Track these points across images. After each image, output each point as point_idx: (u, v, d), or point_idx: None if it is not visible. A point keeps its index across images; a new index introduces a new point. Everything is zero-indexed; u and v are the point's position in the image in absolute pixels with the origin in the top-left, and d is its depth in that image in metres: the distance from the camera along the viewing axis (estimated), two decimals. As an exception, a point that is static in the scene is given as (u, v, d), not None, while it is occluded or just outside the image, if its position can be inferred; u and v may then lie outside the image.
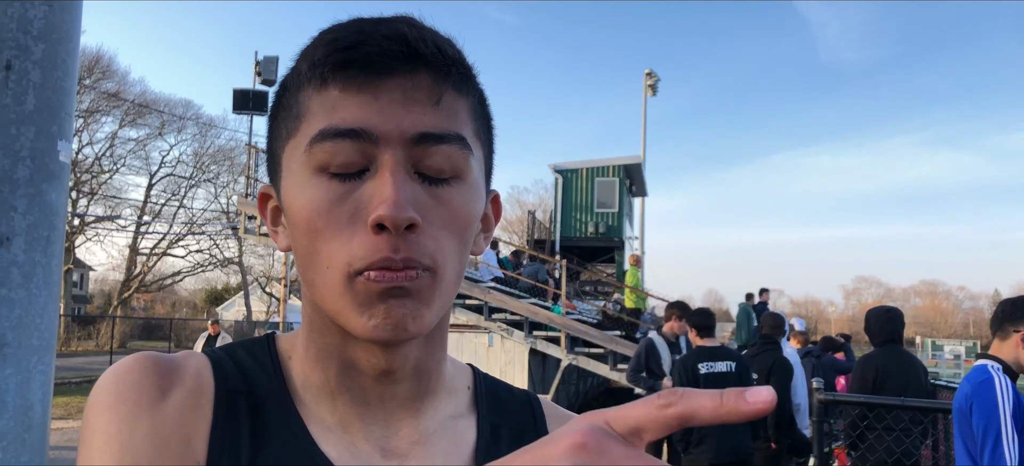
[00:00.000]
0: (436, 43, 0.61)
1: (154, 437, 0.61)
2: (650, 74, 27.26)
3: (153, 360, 0.65)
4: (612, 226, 21.97)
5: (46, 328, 1.99)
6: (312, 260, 0.62)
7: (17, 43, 1.86)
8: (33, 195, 1.89)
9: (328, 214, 0.60)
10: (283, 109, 0.65)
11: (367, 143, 0.59)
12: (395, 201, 0.57)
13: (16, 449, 1.92)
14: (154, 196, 44.06)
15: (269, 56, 24.01)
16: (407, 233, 0.59)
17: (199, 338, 11.93)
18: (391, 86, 0.60)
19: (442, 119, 0.61)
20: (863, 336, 19.86)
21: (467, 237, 0.64)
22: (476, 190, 0.65)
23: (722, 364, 5.10)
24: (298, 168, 0.62)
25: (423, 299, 0.61)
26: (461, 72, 0.63)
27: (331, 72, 0.60)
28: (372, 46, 0.59)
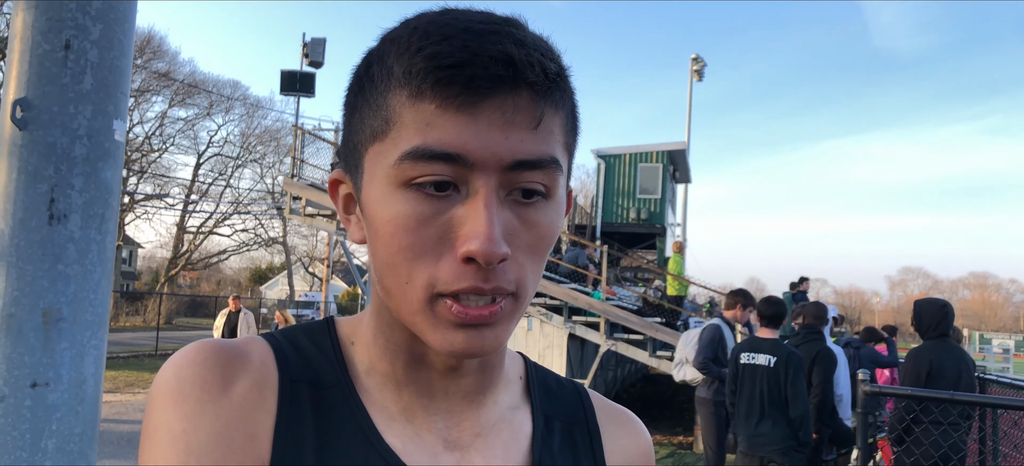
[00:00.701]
0: (541, 63, 0.58)
1: (218, 435, 0.60)
2: (696, 59, 26.89)
3: (215, 350, 0.64)
4: (654, 212, 21.79)
5: (100, 304, 2.03)
6: (391, 271, 0.61)
7: (76, 23, 1.90)
8: (89, 173, 1.93)
9: (415, 232, 0.59)
10: (367, 103, 0.62)
11: (462, 167, 0.57)
12: (489, 237, 0.56)
13: (70, 421, 1.96)
14: (202, 175, 44.88)
15: (317, 38, 24.20)
16: (498, 264, 0.58)
17: (220, 314, 11.99)
18: (491, 108, 0.57)
19: (539, 143, 0.59)
20: (908, 328, 19.47)
21: (547, 253, 0.64)
22: (560, 205, 0.64)
23: (763, 357, 5.00)
24: (383, 177, 0.60)
25: (504, 325, 0.61)
26: (560, 87, 0.61)
27: (431, 87, 0.57)
28: (478, 67, 0.56)
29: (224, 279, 62.01)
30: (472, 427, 0.70)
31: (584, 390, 0.81)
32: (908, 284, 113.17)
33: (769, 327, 5.19)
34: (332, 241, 33.58)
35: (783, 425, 4.94)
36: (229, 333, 11.59)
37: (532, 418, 0.75)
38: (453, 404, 0.70)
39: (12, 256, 1.87)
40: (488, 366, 0.71)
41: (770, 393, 4.92)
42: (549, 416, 0.76)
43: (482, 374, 0.71)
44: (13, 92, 1.88)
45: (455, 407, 0.70)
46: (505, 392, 0.74)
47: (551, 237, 0.63)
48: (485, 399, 0.72)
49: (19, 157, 1.87)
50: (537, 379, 0.79)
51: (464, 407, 0.70)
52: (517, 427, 0.73)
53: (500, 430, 0.72)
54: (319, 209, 14.56)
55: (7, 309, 1.87)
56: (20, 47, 1.89)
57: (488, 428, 0.71)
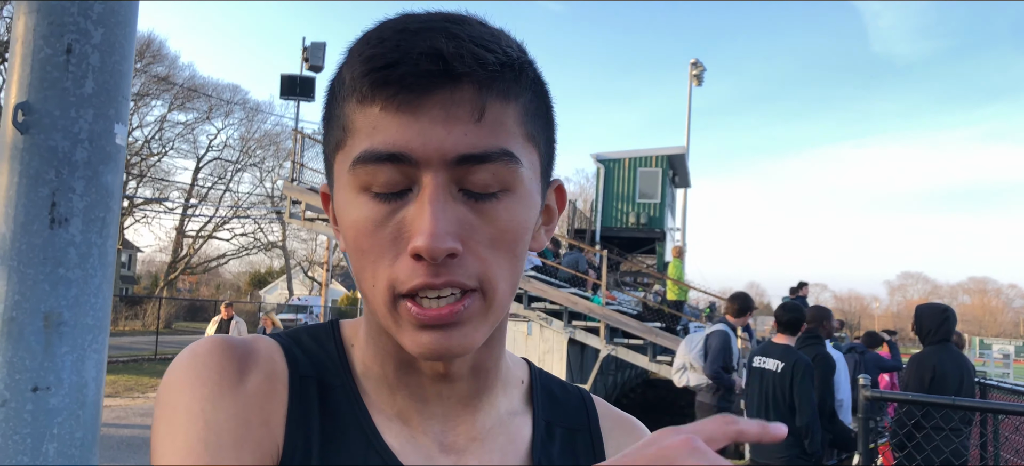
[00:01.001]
0: (475, 55, 0.57)
1: (236, 417, 0.62)
2: (695, 64, 26.92)
3: (230, 343, 0.67)
4: (654, 217, 21.80)
5: (101, 307, 2.03)
6: (361, 275, 0.62)
7: (78, 27, 1.89)
8: (90, 177, 1.93)
9: (372, 235, 0.60)
10: (332, 117, 0.64)
11: (408, 165, 0.58)
12: (432, 232, 0.56)
13: (71, 425, 1.96)
14: (201, 179, 44.89)
15: (317, 42, 24.24)
16: (448, 260, 0.58)
17: (211, 322, 11.88)
18: (431, 104, 0.57)
19: (485, 135, 0.58)
20: (908, 333, 19.39)
21: (518, 248, 0.62)
22: (526, 199, 0.62)
23: (772, 362, 4.96)
24: (345, 185, 0.62)
25: (472, 323, 0.60)
26: (509, 77, 0.60)
27: (371, 90, 0.58)
28: (408, 66, 0.57)
29: (223, 283, 61.99)
30: (468, 431, 0.70)
31: (589, 397, 0.81)
32: (908, 289, 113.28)
33: (785, 333, 5.12)
34: (331, 245, 33.59)
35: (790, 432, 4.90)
36: None
37: (532, 423, 0.74)
38: (448, 408, 0.70)
39: (13, 260, 1.86)
40: (482, 371, 0.70)
41: (775, 399, 4.88)
42: (550, 422, 0.76)
43: (475, 379, 0.70)
44: (15, 96, 1.88)
45: (450, 411, 0.70)
46: (504, 397, 0.74)
47: (516, 231, 0.61)
48: (481, 404, 0.71)
49: (21, 161, 1.86)
50: (541, 385, 0.78)
51: (459, 411, 0.70)
52: (515, 432, 0.73)
53: (497, 435, 0.71)
54: (318, 213, 14.55)
55: (8, 313, 1.87)
56: (22, 51, 1.88)
57: (485, 433, 0.71)
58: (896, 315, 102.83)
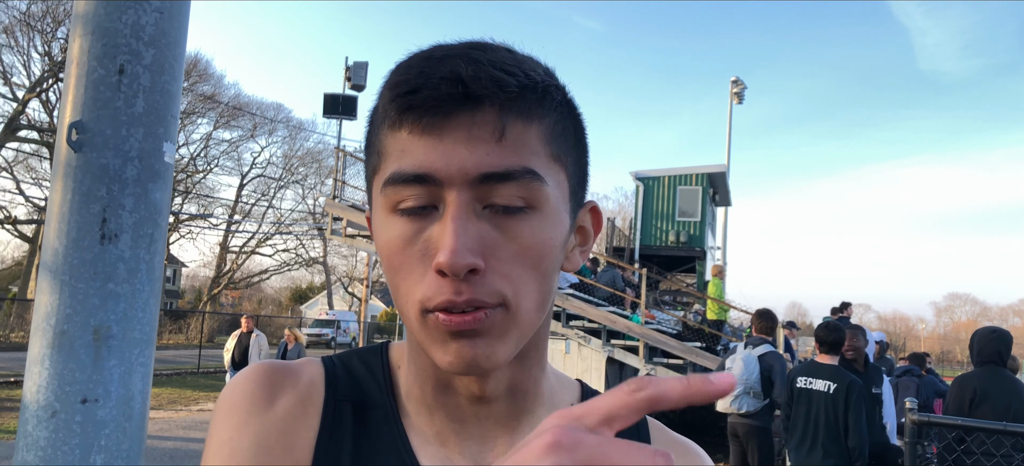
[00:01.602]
0: (494, 78, 0.60)
1: (257, 444, 0.67)
2: (736, 81, 26.70)
3: (266, 369, 0.71)
4: (694, 235, 21.61)
5: (148, 322, 2.07)
6: (395, 293, 0.64)
7: (130, 48, 1.95)
8: (140, 194, 1.97)
9: (402, 253, 0.62)
10: (369, 144, 0.67)
11: (434, 186, 0.60)
12: (453, 249, 0.57)
13: (118, 437, 2.00)
14: (245, 196, 45.65)
15: (359, 61, 24.55)
16: (470, 276, 0.59)
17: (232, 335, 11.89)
18: (454, 126, 0.60)
19: (507, 155, 0.60)
20: (955, 355, 18.90)
21: (546, 265, 0.63)
22: (552, 218, 0.63)
23: (821, 383, 4.90)
24: (379, 207, 0.65)
25: (496, 336, 0.61)
26: (531, 98, 0.62)
27: (398, 115, 0.61)
28: (430, 90, 0.59)
29: (265, 298, 62.74)
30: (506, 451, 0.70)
31: (643, 419, 0.78)
32: (955, 310, 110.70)
33: (828, 353, 5.05)
34: (371, 261, 33.85)
35: (836, 454, 4.79)
36: (240, 355, 11.45)
37: None
38: (486, 430, 0.70)
39: (65, 274, 1.91)
40: (519, 392, 0.71)
41: (827, 419, 4.81)
42: None
43: (513, 400, 0.70)
44: (70, 115, 1.93)
45: (489, 433, 0.70)
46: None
47: (540, 248, 0.62)
48: (521, 425, 0.71)
49: (74, 178, 1.92)
50: None
51: (498, 433, 0.71)
52: None
53: None
54: (360, 230, 14.68)
55: (60, 326, 1.92)
56: (76, 72, 1.94)
57: None
58: (943, 337, 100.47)
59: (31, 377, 1.95)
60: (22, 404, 1.99)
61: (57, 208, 1.93)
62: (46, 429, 1.92)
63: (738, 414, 6.75)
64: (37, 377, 1.94)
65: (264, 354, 11.46)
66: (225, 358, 11.85)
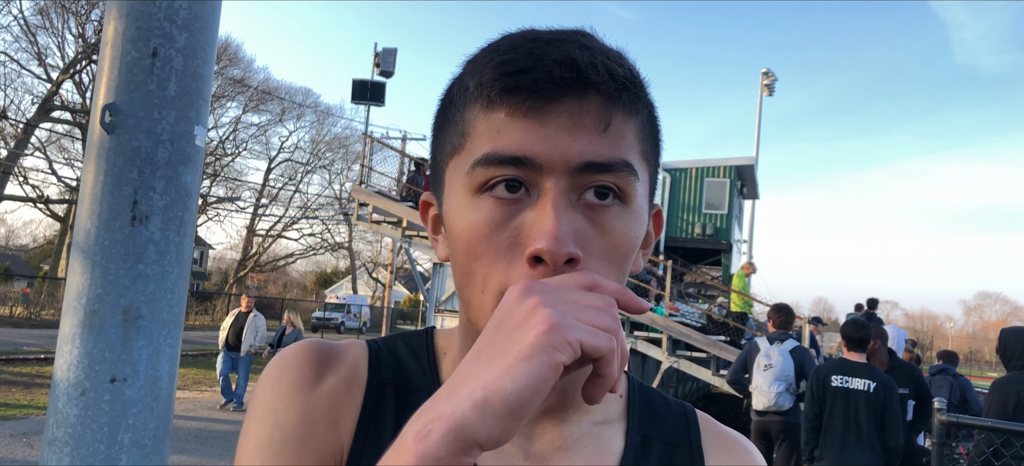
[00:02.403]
0: (607, 67, 0.59)
1: (303, 416, 0.66)
2: (767, 73, 26.44)
3: (315, 347, 0.71)
4: (720, 228, 21.46)
5: (176, 303, 2.09)
6: (469, 280, 0.62)
7: (163, 31, 1.96)
8: (170, 177, 1.99)
9: (487, 238, 0.60)
10: (448, 122, 0.65)
11: (531, 170, 0.58)
12: (555, 235, 0.56)
13: (145, 416, 2.02)
14: (272, 180, 46.06)
15: (388, 48, 24.61)
16: (565, 266, 0.57)
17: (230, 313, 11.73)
18: (558, 112, 0.58)
19: (609, 146, 0.59)
20: (984, 356, 18.57)
21: (627, 264, 0.63)
22: (639, 215, 0.63)
23: (858, 381, 4.90)
24: (460, 188, 0.62)
25: None
26: (632, 93, 0.61)
27: (499, 95, 0.59)
28: (541, 72, 0.57)
29: (290, 282, 63.31)
30: (553, 440, 0.69)
31: (692, 412, 0.78)
32: (985, 309, 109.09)
33: (856, 350, 5.06)
34: (396, 247, 33.99)
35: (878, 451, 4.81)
36: (235, 336, 11.25)
37: (626, 436, 0.73)
38: (535, 420, 0.69)
39: (97, 255, 1.93)
40: (572, 383, 0.69)
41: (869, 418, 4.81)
42: (647, 436, 0.74)
43: (565, 391, 0.69)
44: (103, 97, 1.95)
45: (537, 421, 0.69)
46: (597, 408, 0.72)
47: (628, 245, 0.61)
48: (569, 414, 0.70)
49: (106, 160, 1.93)
50: (640, 398, 0.77)
51: (546, 421, 0.69)
52: (605, 444, 0.71)
53: (584, 445, 0.70)
54: (385, 216, 14.75)
55: (91, 305, 1.94)
56: (111, 54, 1.96)
57: (571, 442, 0.69)
58: (971, 336, 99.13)
59: (62, 355, 1.98)
60: (53, 381, 2.02)
61: (89, 189, 1.95)
62: (76, 407, 1.94)
63: (774, 412, 6.65)
64: (68, 355, 1.96)
65: (260, 336, 11.36)
66: (220, 337, 11.59)
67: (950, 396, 7.14)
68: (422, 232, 14.36)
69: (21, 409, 10.12)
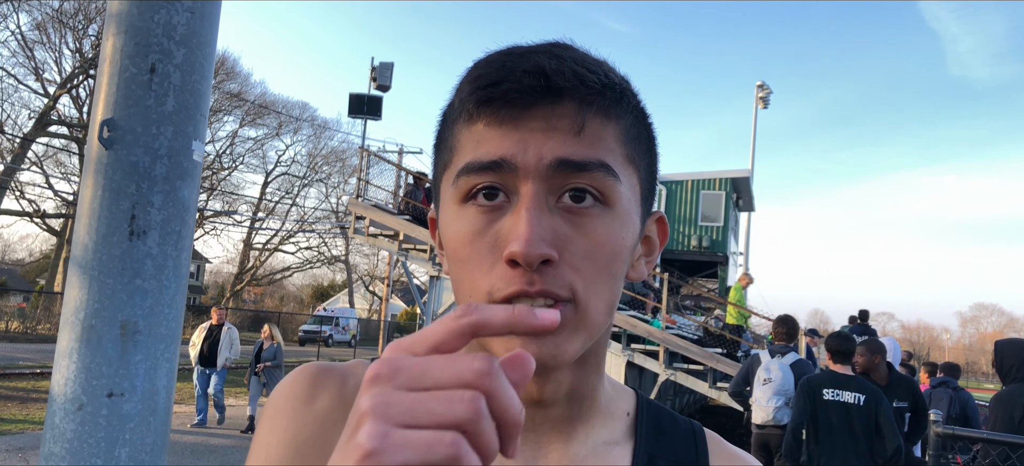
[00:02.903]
0: (577, 73, 0.60)
1: (291, 444, 0.67)
2: (762, 86, 26.55)
3: (309, 371, 0.71)
4: (716, 240, 21.49)
5: (174, 318, 2.09)
6: (459, 287, 0.64)
7: (161, 47, 1.97)
8: (168, 191, 2.00)
9: (471, 244, 0.61)
10: (441, 141, 0.67)
11: (508, 173, 0.60)
12: (527, 238, 0.57)
13: (142, 431, 2.02)
14: (269, 193, 46.08)
15: (385, 62, 24.66)
16: (543, 267, 0.58)
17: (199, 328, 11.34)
18: (533, 117, 0.60)
19: (584, 147, 0.60)
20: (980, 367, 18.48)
21: (615, 266, 0.63)
22: (624, 218, 0.63)
23: (850, 395, 4.97)
24: (449, 199, 0.64)
25: (565, 334, 0.60)
26: (610, 96, 0.62)
27: (476, 108, 0.61)
28: (512, 82, 0.59)
29: (287, 295, 63.16)
30: (559, 459, 0.69)
31: (701, 430, 0.78)
32: (981, 321, 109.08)
33: (842, 363, 5.16)
34: (393, 261, 33.94)
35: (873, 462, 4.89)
36: (209, 349, 10.88)
37: (633, 456, 0.72)
38: (541, 435, 0.69)
39: (94, 269, 1.94)
40: (577, 398, 0.69)
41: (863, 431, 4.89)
42: (654, 456, 0.73)
43: (570, 406, 0.69)
44: (101, 113, 1.96)
45: (543, 438, 0.69)
46: (603, 428, 0.72)
47: (612, 247, 0.61)
48: (576, 432, 0.70)
49: (104, 175, 1.94)
50: (648, 417, 0.76)
51: (553, 438, 0.69)
52: (611, 464, 0.71)
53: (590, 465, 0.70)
54: (382, 229, 14.75)
55: (88, 320, 1.94)
56: (109, 70, 1.97)
57: (577, 462, 0.69)
58: (967, 348, 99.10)
59: (59, 370, 1.98)
60: (50, 396, 2.02)
61: (87, 204, 1.96)
62: (73, 422, 1.94)
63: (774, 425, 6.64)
64: (65, 370, 1.96)
65: (235, 349, 11.10)
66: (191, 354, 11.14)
67: (950, 409, 7.14)
68: (420, 245, 14.35)
69: (17, 424, 10.08)
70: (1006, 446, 3.99)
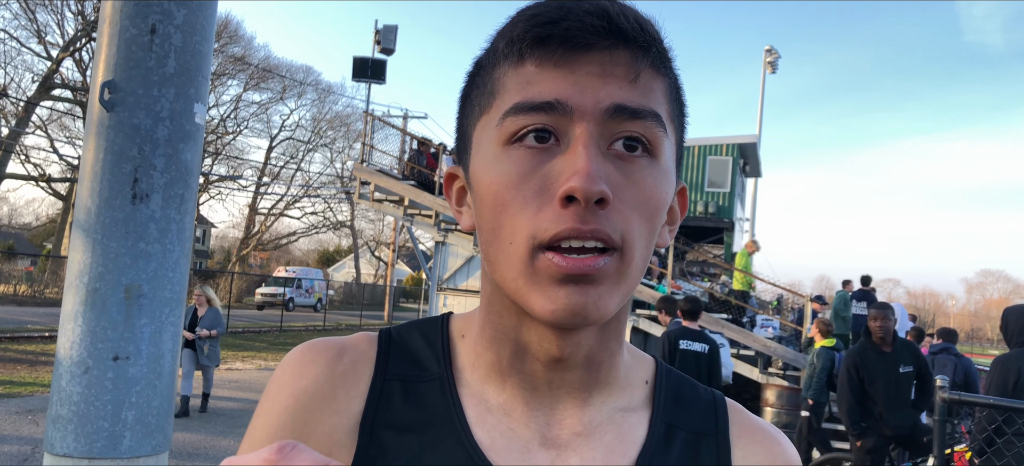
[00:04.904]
0: (637, 20, 0.60)
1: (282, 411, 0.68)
2: (770, 51, 26.32)
3: (309, 345, 0.71)
4: (723, 206, 21.44)
5: (178, 281, 2.09)
6: (495, 236, 0.61)
7: (161, 8, 1.94)
8: (171, 154, 1.98)
9: (516, 187, 0.59)
10: (476, 88, 0.65)
11: (561, 116, 0.58)
12: (587, 173, 0.55)
13: (148, 394, 2.02)
14: (273, 158, 46.00)
15: (389, 25, 24.54)
16: (596, 207, 0.57)
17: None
18: (588, 60, 0.58)
19: (638, 95, 0.59)
20: (986, 333, 18.57)
21: (656, 221, 0.62)
22: (667, 173, 0.62)
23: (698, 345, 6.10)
24: (488, 143, 0.62)
25: (607, 285, 0.59)
26: (660, 52, 0.61)
27: (529, 48, 0.59)
28: (573, 21, 0.58)
29: (293, 260, 63.41)
30: (573, 426, 0.68)
31: (722, 400, 0.76)
32: (987, 287, 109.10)
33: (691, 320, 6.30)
34: (398, 226, 34.00)
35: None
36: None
37: (650, 424, 0.71)
38: (557, 399, 0.68)
39: (98, 233, 1.93)
40: (595, 363, 0.68)
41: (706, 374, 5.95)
42: (672, 424, 0.71)
43: (589, 370, 0.68)
44: (102, 75, 1.94)
45: (559, 403, 0.68)
46: (620, 394, 0.71)
47: (658, 199, 0.61)
48: (592, 398, 0.69)
49: (106, 138, 1.93)
50: (668, 385, 0.75)
51: (568, 403, 0.68)
52: (627, 431, 0.69)
53: (605, 432, 0.68)
54: (387, 194, 14.73)
55: (92, 284, 1.94)
56: (109, 31, 1.94)
57: (592, 428, 0.68)
58: (973, 314, 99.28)
59: (65, 333, 1.98)
60: (56, 359, 2.02)
61: (90, 167, 1.94)
62: (79, 384, 1.95)
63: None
64: (70, 334, 1.96)
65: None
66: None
67: (954, 376, 7.16)
68: (424, 210, 14.35)
69: (26, 387, 10.17)
70: (1012, 411, 4.00)
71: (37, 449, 7.02)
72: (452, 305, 14.82)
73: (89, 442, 1.95)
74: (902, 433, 5.86)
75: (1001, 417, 4.24)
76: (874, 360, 5.83)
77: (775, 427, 0.76)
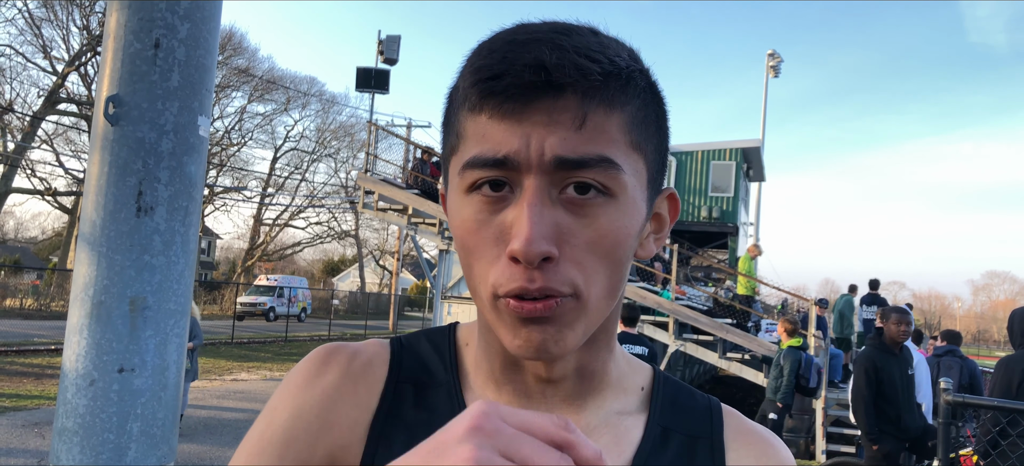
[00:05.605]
0: (578, 66, 0.59)
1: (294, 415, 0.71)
2: (773, 54, 26.33)
3: (325, 348, 0.75)
4: (726, 211, 21.41)
5: (182, 293, 2.10)
6: (469, 273, 0.65)
7: (165, 22, 1.96)
8: (175, 167, 2.00)
9: (476, 234, 0.62)
10: (448, 123, 0.68)
11: (511, 170, 0.60)
12: (528, 237, 0.58)
13: (153, 406, 2.03)
14: (278, 169, 46.15)
15: (392, 35, 24.63)
16: (544, 264, 0.59)
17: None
18: (535, 111, 0.60)
19: (584, 142, 0.60)
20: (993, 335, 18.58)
21: (619, 254, 0.63)
22: (627, 206, 0.63)
23: (639, 348, 6.38)
24: (455, 187, 0.65)
25: (565, 323, 0.61)
26: (614, 85, 0.61)
27: (479, 100, 0.61)
28: (512, 77, 0.59)
29: (298, 270, 63.45)
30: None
31: (718, 406, 0.78)
32: (993, 289, 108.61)
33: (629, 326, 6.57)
34: (402, 235, 34.03)
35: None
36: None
37: (646, 426, 0.73)
38: (552, 406, 0.71)
39: (103, 246, 1.94)
40: (586, 373, 0.71)
41: None
42: (668, 428, 0.74)
43: (580, 381, 0.71)
44: (107, 89, 1.96)
45: (554, 409, 0.71)
46: (616, 399, 0.73)
47: (615, 237, 0.62)
48: (587, 405, 0.72)
49: (111, 151, 1.94)
50: (664, 391, 0.77)
51: (564, 409, 0.71)
52: (623, 433, 0.72)
53: (601, 434, 0.71)
54: (391, 204, 14.75)
55: (97, 296, 1.95)
56: (113, 45, 1.96)
57: (588, 431, 0.70)
58: (979, 316, 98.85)
59: (70, 346, 2.00)
60: (62, 372, 2.04)
61: (94, 181, 1.96)
62: (85, 397, 1.96)
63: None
64: (76, 346, 1.98)
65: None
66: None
67: (959, 378, 7.15)
68: (428, 219, 14.36)
69: (33, 399, 10.20)
70: (1016, 413, 3.99)
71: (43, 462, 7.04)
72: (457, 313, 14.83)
73: (95, 454, 1.96)
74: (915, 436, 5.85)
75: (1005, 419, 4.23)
76: (889, 363, 5.81)
77: (770, 431, 0.78)
